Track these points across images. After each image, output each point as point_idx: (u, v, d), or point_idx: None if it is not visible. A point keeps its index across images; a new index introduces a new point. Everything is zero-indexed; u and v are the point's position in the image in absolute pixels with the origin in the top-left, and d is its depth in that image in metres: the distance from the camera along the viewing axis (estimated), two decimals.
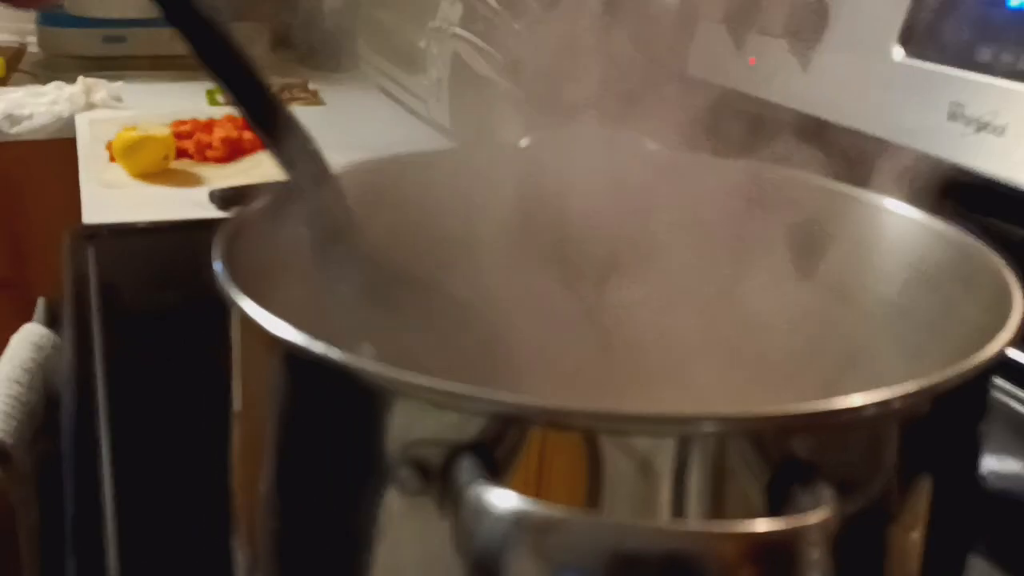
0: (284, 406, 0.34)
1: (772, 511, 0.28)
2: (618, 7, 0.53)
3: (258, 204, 0.42)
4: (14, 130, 1.34)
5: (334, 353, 0.30)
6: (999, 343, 0.32)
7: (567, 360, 0.45)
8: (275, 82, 1.63)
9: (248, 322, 0.33)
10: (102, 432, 0.55)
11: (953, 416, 0.32)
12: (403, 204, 0.47)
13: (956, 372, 0.30)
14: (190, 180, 1.06)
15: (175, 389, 0.58)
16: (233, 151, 1.12)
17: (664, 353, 0.46)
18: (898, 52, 0.61)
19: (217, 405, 0.38)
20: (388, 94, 1.27)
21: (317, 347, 0.30)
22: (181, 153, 1.11)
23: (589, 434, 0.28)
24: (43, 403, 0.68)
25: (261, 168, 1.09)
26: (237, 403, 0.37)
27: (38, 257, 1.32)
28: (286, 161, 0.40)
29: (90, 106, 1.37)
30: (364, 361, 0.30)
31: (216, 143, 1.12)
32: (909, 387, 0.29)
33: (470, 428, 0.28)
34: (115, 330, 0.66)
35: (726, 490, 0.29)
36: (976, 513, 0.36)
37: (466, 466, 0.28)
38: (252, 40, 1.75)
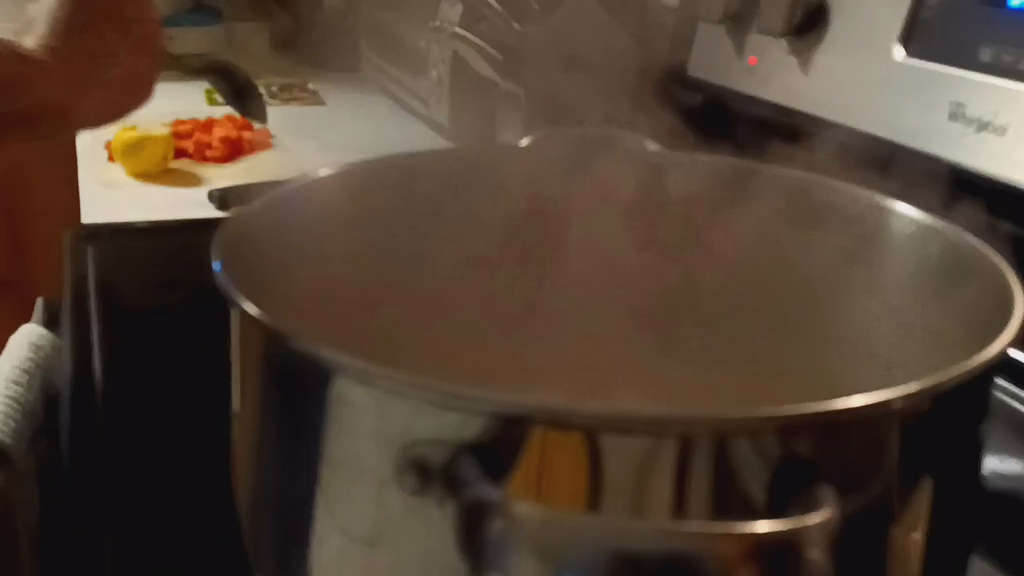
0: (284, 406, 0.34)
1: (773, 512, 0.28)
2: (618, 7, 0.53)
3: (257, 204, 0.42)
4: None
5: (334, 353, 0.30)
6: (1000, 343, 0.32)
7: (566, 361, 0.45)
8: (275, 82, 1.61)
9: (248, 322, 0.33)
10: (101, 432, 0.55)
11: (954, 416, 0.32)
12: (403, 204, 0.47)
13: (957, 372, 0.30)
14: (189, 180, 1.06)
15: (175, 389, 0.58)
16: (232, 151, 1.12)
17: (665, 353, 0.46)
18: (899, 52, 0.61)
19: (217, 405, 0.38)
20: (389, 94, 1.27)
21: (317, 347, 0.30)
22: (180, 153, 1.10)
23: (590, 434, 0.28)
24: (42, 404, 0.67)
25: (260, 168, 1.09)
26: (237, 403, 0.37)
27: (37, 257, 1.32)
28: None
29: None
30: (364, 361, 0.30)
31: (215, 143, 1.11)
32: (910, 387, 0.29)
33: (470, 428, 0.28)
34: (114, 330, 0.66)
35: (727, 490, 0.29)
36: (978, 514, 0.36)
37: (466, 466, 0.28)
38: (252, 40, 1.75)
